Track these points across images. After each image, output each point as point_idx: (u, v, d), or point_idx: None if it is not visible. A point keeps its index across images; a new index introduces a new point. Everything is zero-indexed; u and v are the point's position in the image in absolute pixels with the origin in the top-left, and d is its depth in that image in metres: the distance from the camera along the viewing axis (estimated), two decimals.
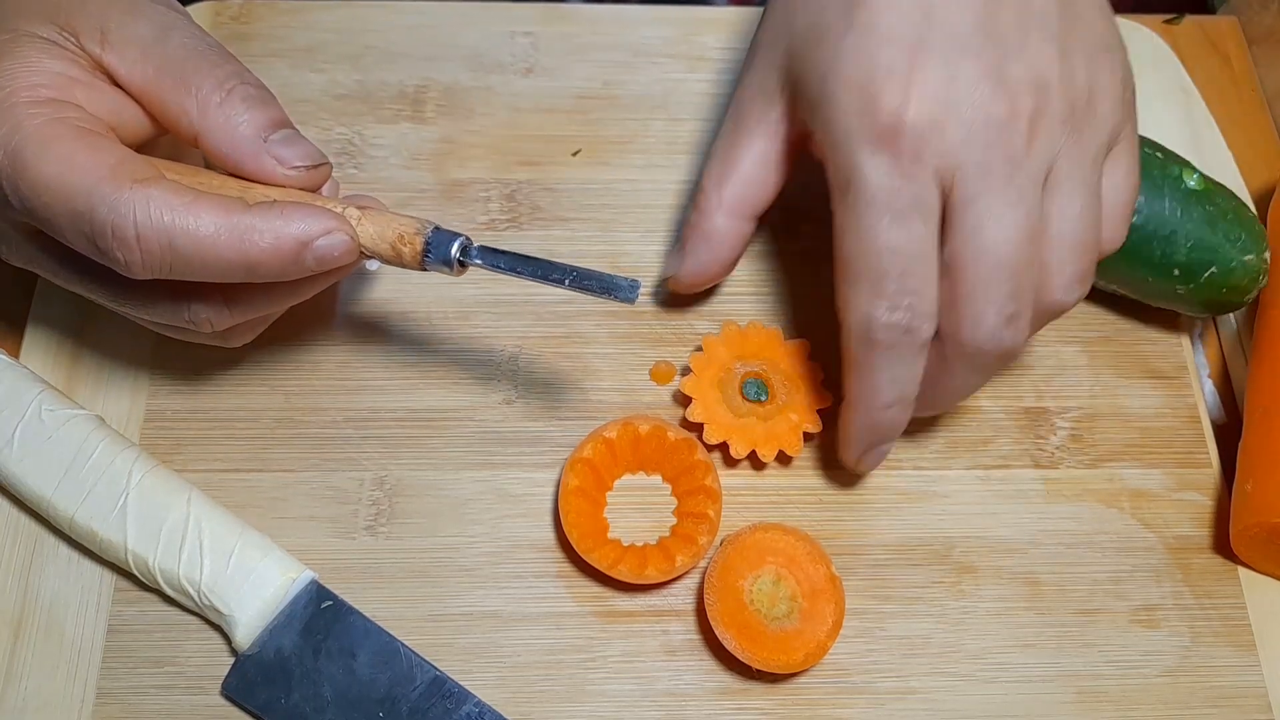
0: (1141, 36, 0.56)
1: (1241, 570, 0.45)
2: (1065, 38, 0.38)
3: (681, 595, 0.44)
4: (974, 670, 0.43)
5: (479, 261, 0.38)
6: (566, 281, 0.38)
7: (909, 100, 0.36)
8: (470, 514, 0.44)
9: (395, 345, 0.48)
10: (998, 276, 0.37)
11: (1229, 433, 0.47)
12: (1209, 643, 0.44)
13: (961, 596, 0.44)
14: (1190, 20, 0.58)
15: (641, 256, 0.50)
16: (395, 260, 0.38)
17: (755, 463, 0.45)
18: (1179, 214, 0.45)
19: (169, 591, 0.41)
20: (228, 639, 0.41)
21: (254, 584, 0.41)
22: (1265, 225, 0.50)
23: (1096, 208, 0.39)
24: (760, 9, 0.44)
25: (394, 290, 0.48)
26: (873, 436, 0.42)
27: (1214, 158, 0.54)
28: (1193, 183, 0.46)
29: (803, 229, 0.50)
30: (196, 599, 0.41)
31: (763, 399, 0.45)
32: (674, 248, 0.45)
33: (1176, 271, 0.46)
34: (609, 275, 0.37)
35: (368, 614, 0.42)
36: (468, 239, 0.38)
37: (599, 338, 0.48)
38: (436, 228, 0.38)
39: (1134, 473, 0.47)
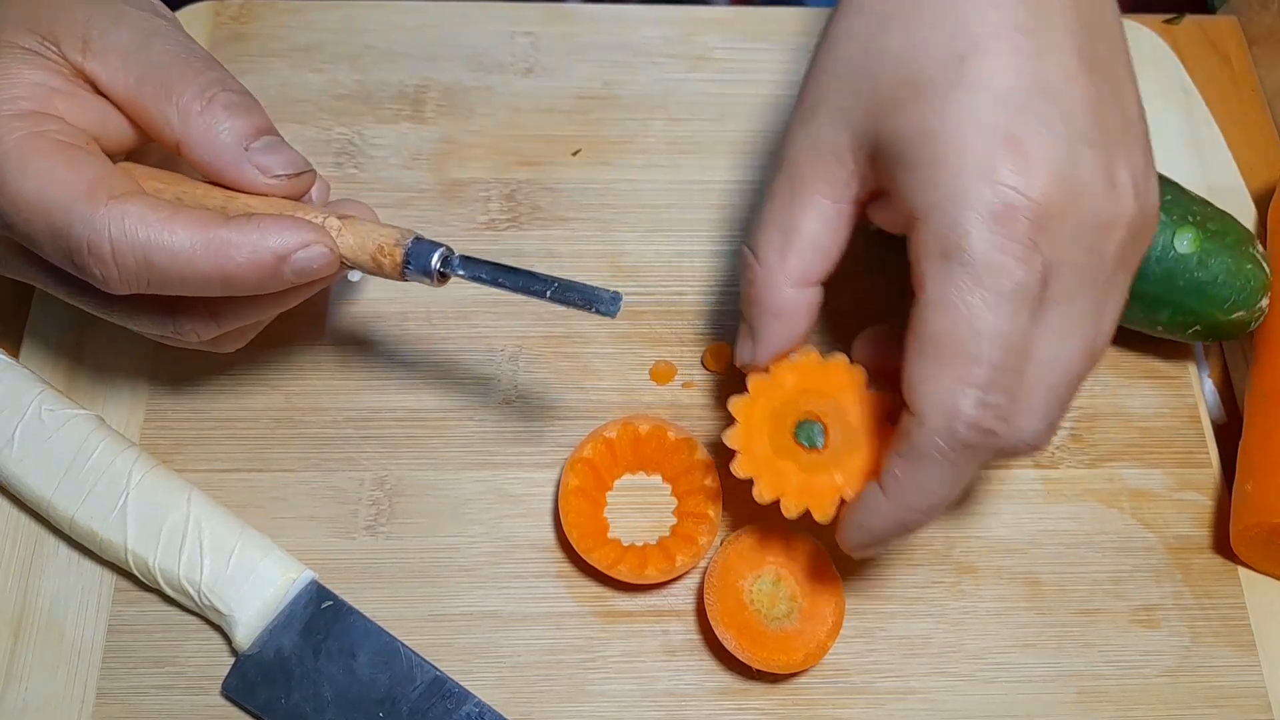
0: (1141, 36, 0.56)
1: (1241, 570, 0.45)
2: (1147, 153, 0.35)
3: (681, 595, 0.44)
4: (974, 670, 0.43)
5: (461, 272, 0.38)
6: (548, 293, 0.37)
7: (1034, 176, 0.32)
8: (470, 514, 0.44)
9: (395, 345, 0.48)
10: (1060, 384, 0.35)
11: (1229, 433, 0.47)
12: (1209, 643, 0.44)
13: (961, 596, 0.44)
14: (1190, 20, 0.58)
15: (641, 256, 0.50)
16: (376, 271, 0.38)
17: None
18: (1163, 284, 0.44)
19: (169, 591, 0.41)
20: (228, 639, 0.41)
21: (254, 584, 0.41)
22: (1266, 225, 0.50)
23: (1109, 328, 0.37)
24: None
25: (393, 290, 0.48)
26: (890, 534, 0.37)
27: (1214, 158, 0.54)
28: (1184, 246, 0.44)
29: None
30: (196, 599, 0.41)
31: (813, 446, 0.39)
32: (740, 331, 0.40)
33: (1160, 328, 0.46)
34: (591, 287, 0.37)
35: (368, 614, 0.42)
36: (448, 249, 0.38)
37: (599, 338, 0.48)
38: (418, 238, 0.37)
39: (1134, 473, 0.47)
